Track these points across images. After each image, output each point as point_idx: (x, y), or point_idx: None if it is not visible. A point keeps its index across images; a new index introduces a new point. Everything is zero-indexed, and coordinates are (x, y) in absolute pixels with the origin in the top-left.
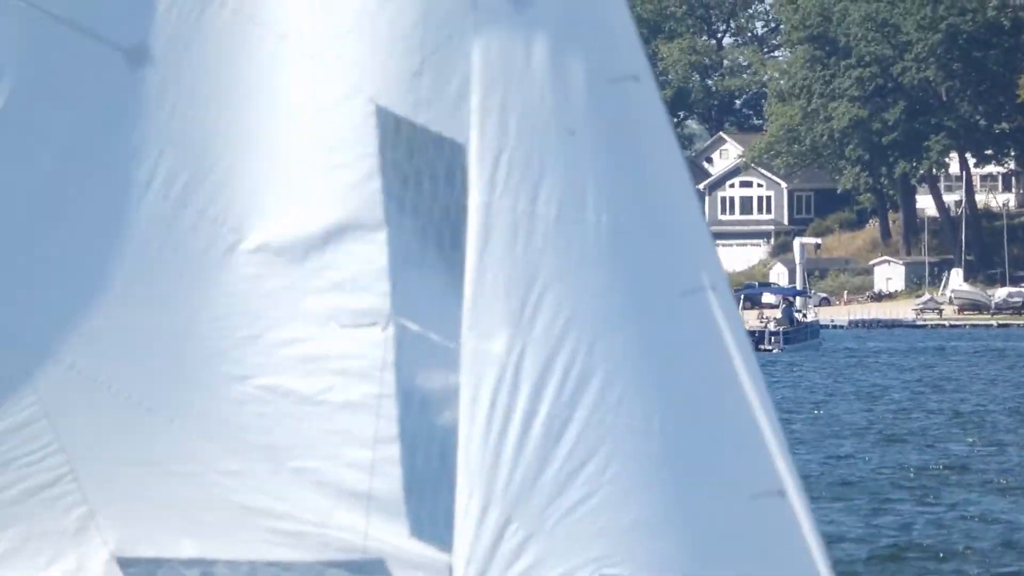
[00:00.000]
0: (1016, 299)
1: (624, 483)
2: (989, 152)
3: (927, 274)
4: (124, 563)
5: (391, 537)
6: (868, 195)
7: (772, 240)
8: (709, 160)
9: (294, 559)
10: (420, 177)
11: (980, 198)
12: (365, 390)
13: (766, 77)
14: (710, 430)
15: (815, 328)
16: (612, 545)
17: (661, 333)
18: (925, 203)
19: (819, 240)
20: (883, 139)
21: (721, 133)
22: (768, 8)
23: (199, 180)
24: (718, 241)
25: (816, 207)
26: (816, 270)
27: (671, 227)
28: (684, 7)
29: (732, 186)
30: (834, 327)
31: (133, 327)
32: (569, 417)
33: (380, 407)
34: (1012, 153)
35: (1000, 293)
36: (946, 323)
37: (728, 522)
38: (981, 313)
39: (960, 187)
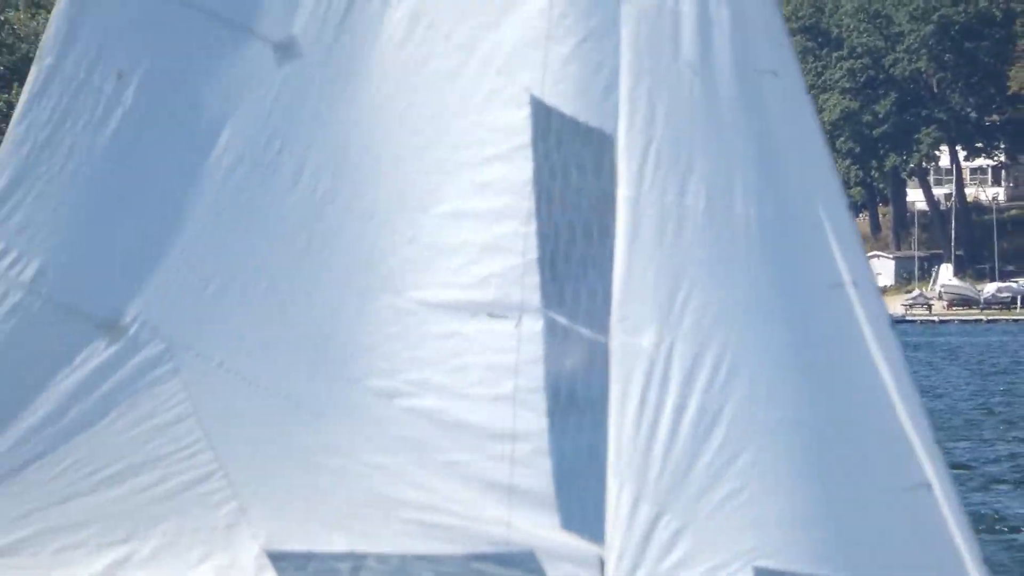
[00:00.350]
0: (1005, 294)
1: (775, 475)
2: (979, 144)
3: (916, 269)
4: (275, 557)
5: (541, 530)
6: (858, 188)
7: None
8: None
9: (444, 552)
10: (568, 168)
11: (969, 191)
12: (512, 384)
13: None
14: (860, 422)
15: None
16: (763, 537)
17: (809, 326)
18: (914, 196)
19: None
20: (874, 131)
21: None
22: None
23: (345, 175)
24: None
25: None
26: None
27: (816, 220)
28: None
29: None
30: None
31: (280, 323)
32: (719, 410)
33: (528, 400)
34: (1002, 146)
35: (989, 288)
36: (935, 319)
37: (879, 515)
38: (970, 308)
39: (950, 180)
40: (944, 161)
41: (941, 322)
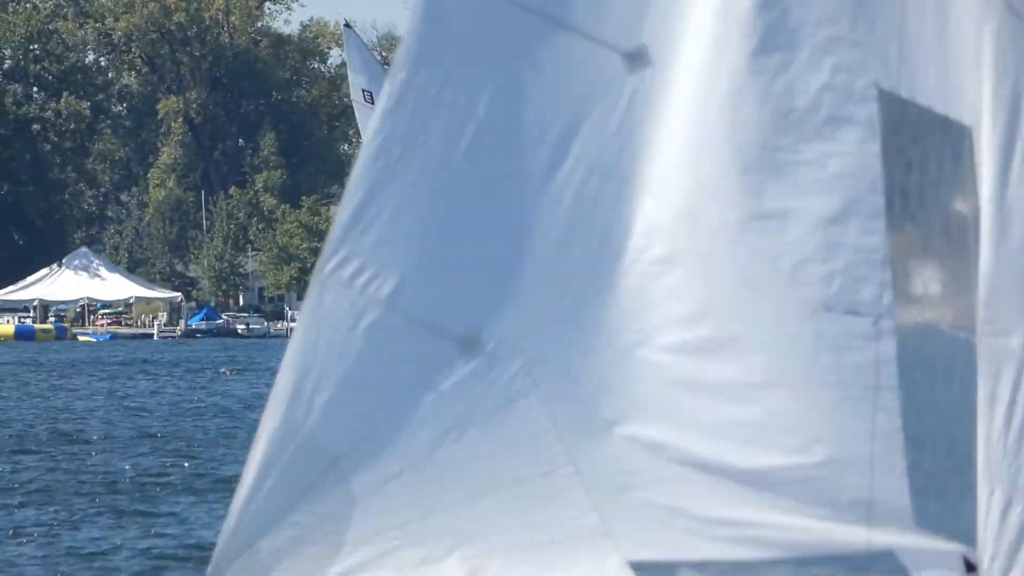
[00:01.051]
0: None
1: None
2: None
3: None
4: (637, 567)
5: (901, 530)
6: None
7: None
8: None
9: (797, 556)
10: (926, 162)
11: None
12: (863, 382)
13: None
14: None
15: None
16: None
17: None
18: None
19: None
20: None
21: None
22: None
23: (684, 182)
24: None
25: None
26: None
27: None
28: None
29: None
30: None
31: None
32: None
33: (878, 400)
34: None
35: None
36: None
37: None
38: None
39: None
40: None
41: None
